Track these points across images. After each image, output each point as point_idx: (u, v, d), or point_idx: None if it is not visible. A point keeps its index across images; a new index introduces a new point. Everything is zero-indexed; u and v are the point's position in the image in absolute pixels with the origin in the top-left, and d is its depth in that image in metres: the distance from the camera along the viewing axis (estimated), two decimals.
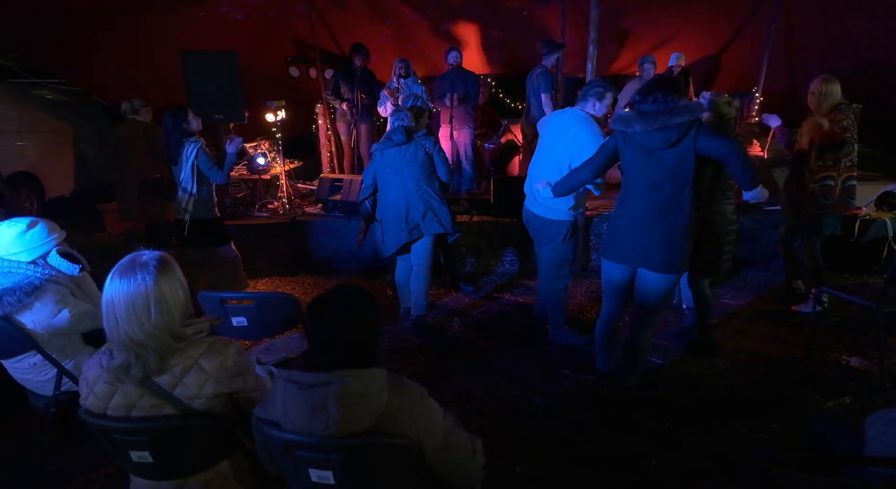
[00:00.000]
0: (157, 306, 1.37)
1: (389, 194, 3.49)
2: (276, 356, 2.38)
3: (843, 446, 1.66)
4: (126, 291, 1.36)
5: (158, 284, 1.38)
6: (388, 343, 3.52)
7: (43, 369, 2.15)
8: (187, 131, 3.52)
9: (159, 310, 1.37)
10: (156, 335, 1.37)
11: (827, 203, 3.48)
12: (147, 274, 1.38)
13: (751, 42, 6.28)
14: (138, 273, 1.38)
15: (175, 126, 3.50)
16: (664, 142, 2.34)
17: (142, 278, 1.37)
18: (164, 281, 1.40)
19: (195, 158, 3.48)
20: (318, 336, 1.27)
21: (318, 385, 1.21)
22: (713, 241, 2.95)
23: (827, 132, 3.37)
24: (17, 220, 2.11)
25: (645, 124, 2.33)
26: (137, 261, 1.41)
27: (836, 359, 3.18)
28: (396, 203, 3.45)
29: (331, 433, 1.20)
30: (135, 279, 1.37)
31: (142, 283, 1.37)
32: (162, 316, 1.38)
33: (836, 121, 3.33)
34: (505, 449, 2.43)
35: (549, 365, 3.19)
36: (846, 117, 3.33)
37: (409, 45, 6.84)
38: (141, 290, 1.36)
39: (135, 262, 1.41)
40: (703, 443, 2.47)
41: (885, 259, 4.42)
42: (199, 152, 3.48)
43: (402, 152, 3.41)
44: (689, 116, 2.29)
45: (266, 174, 5.64)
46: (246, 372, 1.50)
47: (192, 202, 3.57)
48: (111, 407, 1.40)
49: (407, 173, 3.42)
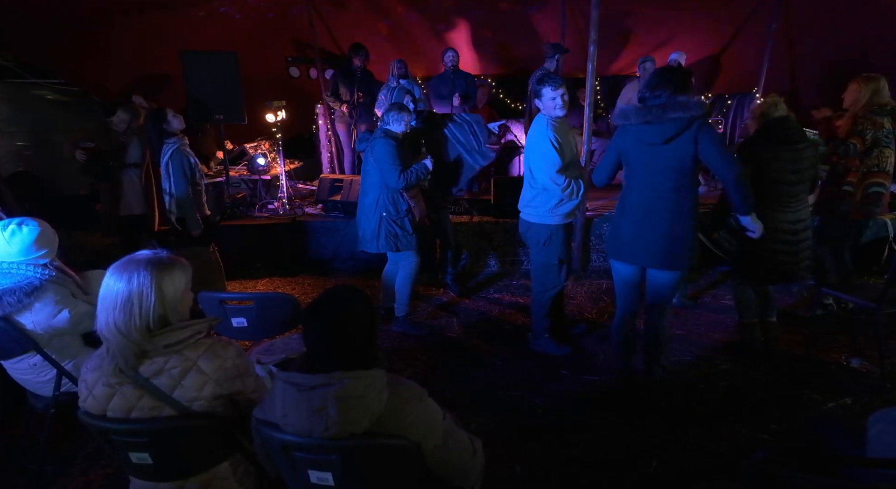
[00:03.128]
0: (133, 307, 1.37)
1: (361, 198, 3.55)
2: (276, 356, 2.37)
3: (842, 446, 1.66)
4: (112, 288, 1.38)
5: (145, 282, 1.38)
6: (387, 343, 3.52)
7: (42, 370, 2.15)
8: (167, 132, 3.57)
9: (136, 312, 1.37)
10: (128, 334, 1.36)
11: (844, 209, 3.38)
12: (135, 274, 1.38)
13: (751, 42, 6.28)
14: (127, 272, 1.39)
15: (154, 129, 3.58)
16: (660, 136, 2.33)
17: (128, 276, 1.38)
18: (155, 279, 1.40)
19: (169, 158, 3.52)
20: (316, 339, 1.27)
21: (318, 387, 1.21)
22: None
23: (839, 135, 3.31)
24: (16, 222, 2.10)
25: (640, 116, 2.33)
26: (133, 259, 1.42)
27: (837, 360, 3.18)
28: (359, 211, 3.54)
29: (331, 434, 1.19)
30: (122, 277, 1.38)
31: (127, 283, 1.38)
32: (139, 317, 1.37)
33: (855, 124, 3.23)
34: (504, 449, 2.42)
35: (548, 365, 3.19)
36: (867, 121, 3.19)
37: (407, 45, 6.83)
38: (124, 289, 1.37)
39: (130, 261, 1.42)
40: (703, 444, 2.47)
41: (885, 260, 4.41)
42: (173, 153, 3.53)
43: (365, 158, 3.45)
44: (685, 113, 2.27)
45: (266, 174, 5.64)
46: (245, 373, 1.50)
47: (175, 203, 3.61)
48: (110, 408, 1.40)
49: (366, 183, 3.46)
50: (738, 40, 6.56)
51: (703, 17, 6.26)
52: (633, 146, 2.46)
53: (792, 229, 2.87)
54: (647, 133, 2.36)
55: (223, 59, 5.03)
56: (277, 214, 5.10)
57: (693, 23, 6.34)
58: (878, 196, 3.29)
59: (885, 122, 3.22)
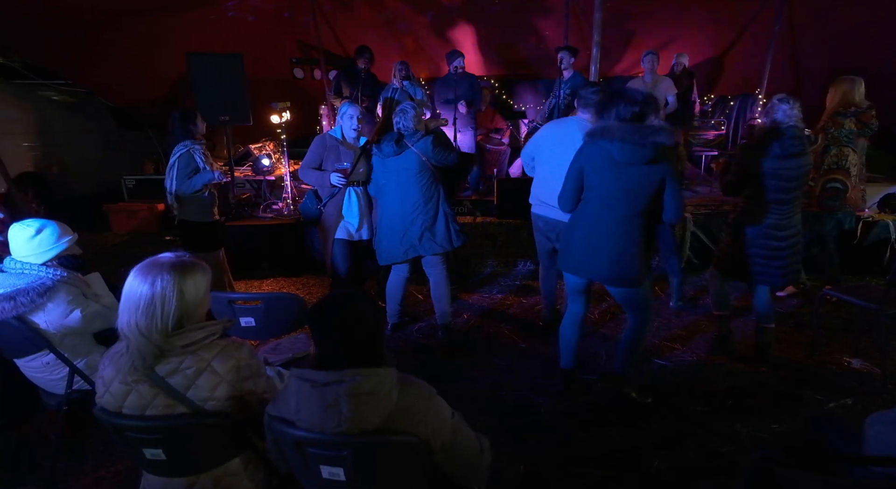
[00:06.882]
0: (155, 309, 1.40)
1: (388, 207, 3.34)
2: (283, 356, 2.41)
3: (842, 446, 1.69)
4: (136, 289, 1.41)
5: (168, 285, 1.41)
6: (392, 344, 3.55)
7: (55, 368, 2.18)
8: (192, 133, 3.52)
9: (158, 314, 1.40)
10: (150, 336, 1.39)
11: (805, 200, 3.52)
12: (159, 278, 1.41)
13: (754, 44, 6.30)
14: (151, 275, 1.42)
15: (180, 127, 3.52)
16: (640, 158, 2.34)
17: (152, 279, 1.41)
18: (177, 282, 1.43)
19: (177, 158, 3.47)
20: (322, 340, 1.30)
21: (331, 383, 1.24)
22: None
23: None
24: (30, 223, 2.14)
25: (625, 134, 2.32)
26: (157, 261, 1.46)
27: (839, 361, 3.20)
28: (393, 218, 3.30)
29: (343, 430, 1.23)
30: (146, 280, 1.41)
31: (150, 286, 1.41)
32: (160, 319, 1.40)
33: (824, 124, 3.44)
34: (508, 448, 2.45)
35: (551, 365, 3.21)
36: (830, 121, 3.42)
37: (410, 46, 6.87)
38: (148, 292, 1.40)
39: (154, 263, 1.45)
40: (704, 443, 2.49)
41: (887, 261, 4.43)
42: (182, 155, 3.46)
43: (398, 163, 3.23)
44: (669, 140, 2.31)
45: (271, 175, 5.68)
46: (257, 374, 1.53)
47: (176, 202, 3.54)
48: (126, 406, 1.43)
49: (405, 188, 3.24)
50: (741, 42, 6.57)
51: (706, 19, 6.28)
52: (598, 163, 2.45)
53: (774, 235, 2.90)
54: (625, 152, 2.34)
55: (229, 61, 5.08)
56: (282, 215, 5.13)
57: (696, 24, 6.36)
58: (835, 191, 3.52)
59: (847, 122, 3.39)
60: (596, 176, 2.47)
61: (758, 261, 2.96)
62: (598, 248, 2.53)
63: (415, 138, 3.20)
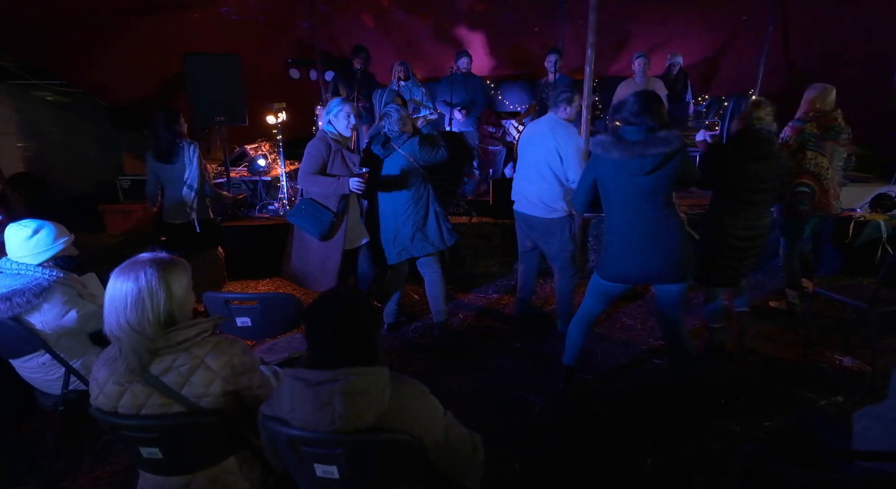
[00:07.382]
0: (144, 303, 1.41)
1: (381, 208, 3.33)
2: (279, 356, 2.42)
3: (831, 441, 1.72)
4: (120, 288, 1.42)
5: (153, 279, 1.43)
6: (386, 344, 3.56)
7: (51, 368, 2.19)
8: (179, 133, 3.59)
9: (148, 307, 1.41)
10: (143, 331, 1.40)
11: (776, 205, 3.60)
12: (142, 273, 1.43)
13: (748, 44, 6.33)
14: (133, 272, 1.44)
15: (166, 127, 3.58)
16: (639, 170, 2.41)
17: (135, 275, 1.43)
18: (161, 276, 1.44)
19: (198, 159, 3.53)
20: (318, 340, 1.32)
21: (325, 382, 1.25)
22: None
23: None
24: (27, 223, 2.15)
25: (622, 152, 2.40)
26: (136, 260, 1.47)
27: (830, 359, 3.23)
28: (386, 219, 3.31)
29: (336, 429, 1.24)
30: (129, 277, 1.43)
31: (135, 282, 1.42)
32: (151, 313, 1.41)
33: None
34: (503, 447, 2.47)
35: (547, 364, 3.24)
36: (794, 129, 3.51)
37: (408, 47, 6.87)
38: (133, 288, 1.41)
39: (134, 262, 1.46)
40: (698, 441, 2.52)
41: (878, 260, 4.47)
42: (199, 154, 3.55)
43: (386, 166, 3.23)
44: (667, 149, 2.35)
45: (266, 175, 5.68)
46: (251, 370, 1.54)
47: (198, 201, 3.61)
48: (121, 405, 1.44)
49: (394, 190, 3.25)
50: (735, 42, 6.61)
51: (700, 19, 6.32)
52: (611, 174, 2.51)
53: (743, 236, 2.93)
54: (629, 166, 2.42)
55: (225, 61, 5.06)
56: (278, 215, 5.13)
57: (690, 25, 6.39)
58: (802, 195, 3.53)
59: (808, 126, 3.46)
60: (612, 185, 2.53)
61: (726, 264, 3.00)
62: (643, 250, 2.53)
63: (400, 140, 3.22)
